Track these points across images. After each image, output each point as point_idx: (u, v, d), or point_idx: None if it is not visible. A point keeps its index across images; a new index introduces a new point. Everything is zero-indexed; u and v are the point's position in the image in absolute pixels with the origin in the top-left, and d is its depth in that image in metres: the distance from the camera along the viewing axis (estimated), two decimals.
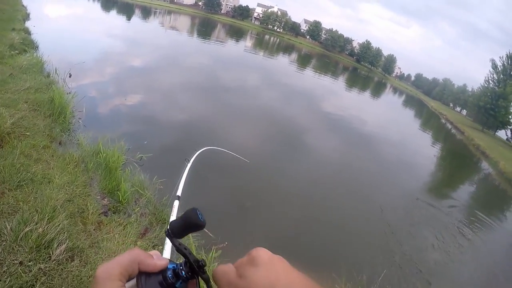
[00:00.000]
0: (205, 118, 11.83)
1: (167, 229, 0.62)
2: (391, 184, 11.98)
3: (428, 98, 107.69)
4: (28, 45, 11.92)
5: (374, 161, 13.72)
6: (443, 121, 54.18)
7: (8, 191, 3.50)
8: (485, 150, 32.20)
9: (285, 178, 9.11)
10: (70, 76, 9.48)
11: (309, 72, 41.01)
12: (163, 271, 0.57)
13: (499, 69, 55.82)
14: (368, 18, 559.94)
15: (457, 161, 24.21)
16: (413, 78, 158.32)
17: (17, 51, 9.97)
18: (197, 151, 4.10)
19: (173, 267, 0.58)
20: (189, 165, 3.56)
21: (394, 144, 18.64)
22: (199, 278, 0.60)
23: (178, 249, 0.61)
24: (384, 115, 31.00)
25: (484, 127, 55.17)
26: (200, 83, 17.35)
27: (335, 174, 10.85)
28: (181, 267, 0.59)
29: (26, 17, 21.24)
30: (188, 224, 0.61)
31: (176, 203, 2.61)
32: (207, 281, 0.61)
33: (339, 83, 42.28)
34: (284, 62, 43.79)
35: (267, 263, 0.53)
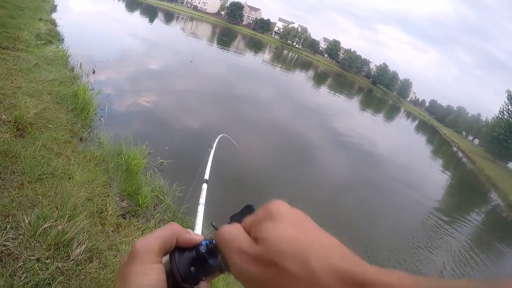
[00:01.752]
0: (220, 127, 11.82)
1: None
2: (394, 208, 11.75)
3: (441, 125, 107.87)
4: (54, 36, 12.01)
5: (380, 183, 13.59)
6: (455, 149, 54.08)
7: (28, 183, 3.41)
8: (496, 182, 32.00)
9: (289, 185, 9.17)
10: (94, 73, 9.53)
11: (324, 90, 41.05)
12: (196, 247, 0.53)
13: None
14: (386, 41, 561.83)
15: (466, 190, 23.91)
16: (427, 104, 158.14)
17: (43, 42, 10.02)
18: (216, 138, 4.33)
19: (206, 243, 0.54)
20: (212, 151, 3.78)
21: (403, 168, 18.44)
22: None
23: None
24: (396, 139, 30.79)
25: (496, 158, 54.88)
26: (216, 90, 17.36)
27: (336, 194, 10.74)
28: (214, 243, 0.54)
29: (53, 8, 21.60)
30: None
31: (205, 186, 2.82)
32: None
33: (353, 103, 42.13)
34: (300, 78, 43.74)
35: (290, 219, 0.43)
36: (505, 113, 56.99)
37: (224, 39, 60.81)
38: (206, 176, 3.12)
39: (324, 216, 8.05)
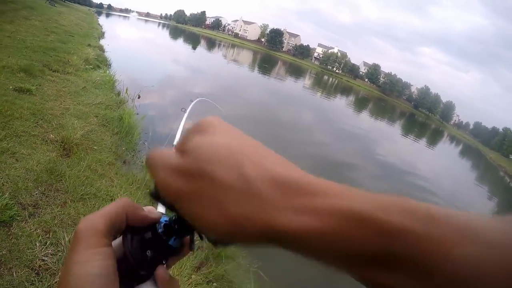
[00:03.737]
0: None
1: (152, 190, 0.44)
2: None
3: (486, 148, 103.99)
4: (102, 62, 12.53)
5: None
6: (502, 174, 51.40)
7: (71, 202, 3.45)
8: None
9: None
10: (139, 98, 9.73)
11: (365, 115, 40.39)
12: (153, 226, 0.44)
13: None
14: (427, 62, 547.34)
15: None
16: (471, 127, 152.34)
17: (91, 66, 10.45)
18: (192, 101, 4.14)
19: (165, 221, 0.45)
20: (185, 115, 3.57)
21: (446, 197, 17.60)
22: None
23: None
24: (439, 164, 29.54)
25: None
26: (258, 115, 17.48)
27: None
28: (174, 219, 0.44)
29: (101, 35, 22.89)
30: None
31: None
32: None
33: (394, 128, 41.14)
34: (341, 104, 43.40)
35: (224, 130, 0.38)
36: None
37: (265, 65, 61.45)
38: (175, 142, 2.86)
39: None
